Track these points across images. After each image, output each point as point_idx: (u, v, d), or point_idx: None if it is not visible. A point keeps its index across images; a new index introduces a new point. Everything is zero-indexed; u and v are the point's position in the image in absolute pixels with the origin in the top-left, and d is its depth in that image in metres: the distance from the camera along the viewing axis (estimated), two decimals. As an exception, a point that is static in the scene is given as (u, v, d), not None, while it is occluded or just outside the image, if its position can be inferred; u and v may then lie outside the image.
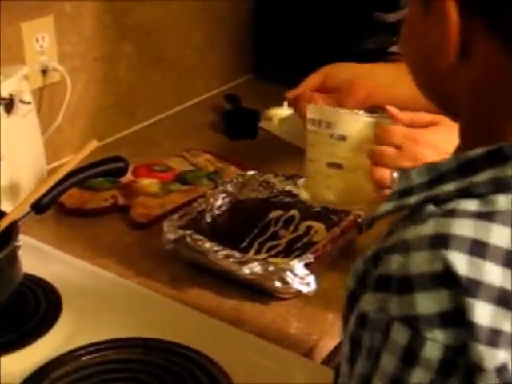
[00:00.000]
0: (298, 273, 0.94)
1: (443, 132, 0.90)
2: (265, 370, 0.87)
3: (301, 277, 0.94)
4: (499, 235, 0.49)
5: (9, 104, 1.12)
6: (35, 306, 0.96)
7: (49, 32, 1.27)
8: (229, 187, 1.15)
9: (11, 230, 0.93)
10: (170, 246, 1.03)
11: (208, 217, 1.11)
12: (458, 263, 0.47)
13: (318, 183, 0.95)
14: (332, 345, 0.95)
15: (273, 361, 0.88)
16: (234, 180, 1.17)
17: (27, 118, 1.17)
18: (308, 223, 1.10)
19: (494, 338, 0.47)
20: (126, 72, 1.44)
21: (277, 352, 0.90)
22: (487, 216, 0.49)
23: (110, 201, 1.19)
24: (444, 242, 0.48)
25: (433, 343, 0.47)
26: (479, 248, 0.48)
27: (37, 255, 1.05)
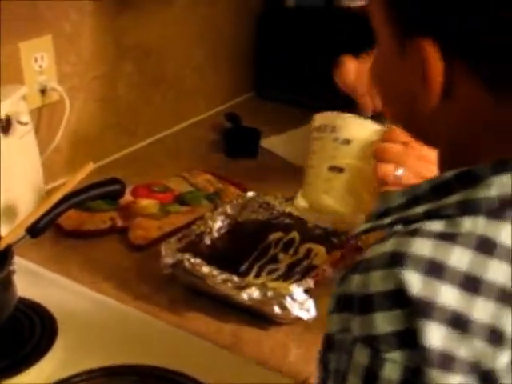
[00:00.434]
0: (298, 298, 0.93)
1: None
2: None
3: (300, 302, 0.93)
4: (459, 257, 0.47)
5: (6, 125, 1.11)
6: (30, 332, 0.94)
7: (48, 51, 1.26)
8: (228, 209, 1.14)
9: (6, 254, 0.92)
10: (168, 271, 1.02)
11: (207, 239, 1.09)
12: (413, 283, 0.46)
13: (317, 188, 0.90)
14: (332, 372, 0.93)
15: (272, 388, 0.87)
16: (234, 202, 1.16)
17: (25, 139, 1.16)
18: (308, 246, 1.09)
19: (447, 362, 0.46)
20: (126, 91, 1.43)
21: (276, 379, 0.88)
22: (449, 237, 0.48)
23: (108, 222, 1.18)
24: (400, 261, 0.47)
25: (392, 364, 0.46)
26: (436, 268, 0.47)
27: (33, 278, 1.04)
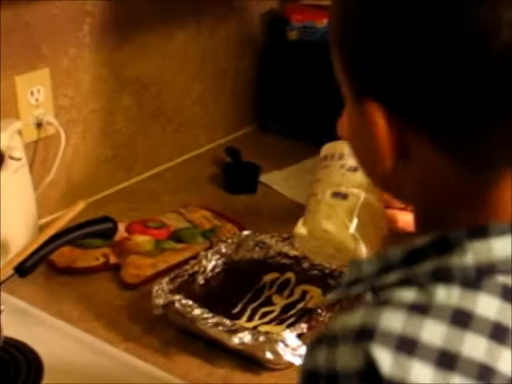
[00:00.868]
0: (290, 344, 0.90)
1: None
2: None
3: (293, 348, 0.90)
4: (432, 331, 0.44)
5: (-1, 160, 1.09)
6: (15, 374, 0.92)
7: (44, 85, 1.25)
8: (223, 248, 1.12)
9: (-8, 295, 0.90)
10: (159, 311, 0.99)
11: (200, 279, 1.07)
12: (382, 360, 0.43)
13: (319, 214, 0.84)
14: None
15: None
16: (229, 240, 1.14)
17: (18, 174, 1.14)
18: (304, 287, 1.06)
19: None
20: (125, 125, 1.42)
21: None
22: (422, 309, 0.45)
23: (102, 259, 1.16)
24: (369, 336, 0.44)
25: None
26: (408, 344, 0.44)
27: (21, 318, 1.02)
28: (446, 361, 0.43)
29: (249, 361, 0.95)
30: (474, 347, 0.44)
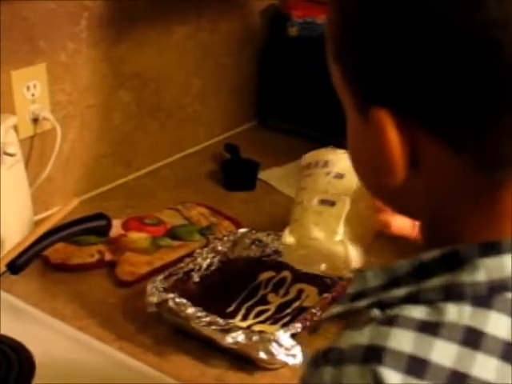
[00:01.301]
0: (284, 343, 0.89)
1: None
2: None
3: (286, 348, 0.89)
4: (443, 352, 0.43)
5: (-7, 155, 1.08)
6: (6, 371, 0.91)
7: (41, 80, 1.24)
8: (219, 246, 1.11)
9: (-16, 292, 0.89)
10: (153, 310, 0.98)
11: (196, 277, 1.06)
12: (392, 382, 0.42)
13: (307, 221, 0.83)
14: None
15: None
16: (225, 238, 1.12)
17: (13, 170, 1.13)
18: (300, 286, 1.05)
19: None
20: (123, 120, 1.41)
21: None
22: (432, 328, 0.44)
23: (96, 256, 1.15)
24: (378, 357, 0.43)
25: None
26: (418, 366, 0.42)
27: (14, 314, 1.01)
28: (456, 382, 0.42)
29: (242, 360, 0.94)
30: (485, 368, 0.43)
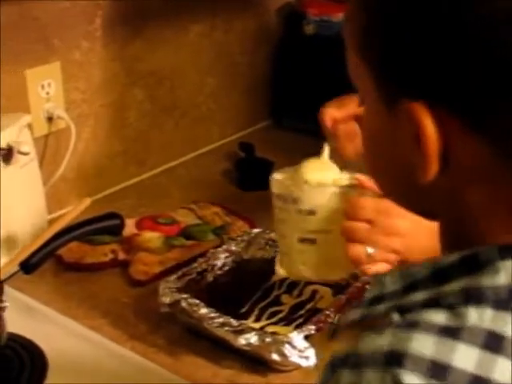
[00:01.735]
0: (297, 345, 0.88)
1: None
2: None
3: (300, 350, 0.88)
4: (464, 356, 0.42)
5: (7, 154, 1.08)
6: (19, 371, 0.91)
7: (55, 79, 1.24)
8: (233, 246, 1.10)
9: (-4, 291, 0.89)
10: (166, 309, 0.98)
11: (209, 277, 1.05)
12: None
13: (293, 260, 0.87)
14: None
15: None
16: (239, 238, 1.12)
17: (27, 168, 1.13)
18: (314, 287, 1.04)
19: None
20: (137, 119, 1.40)
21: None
22: (453, 332, 0.43)
23: (110, 255, 1.14)
24: (398, 361, 0.42)
25: None
26: (439, 370, 0.41)
27: (27, 314, 1.01)
28: None
29: (255, 362, 0.93)
30: (506, 372, 0.42)
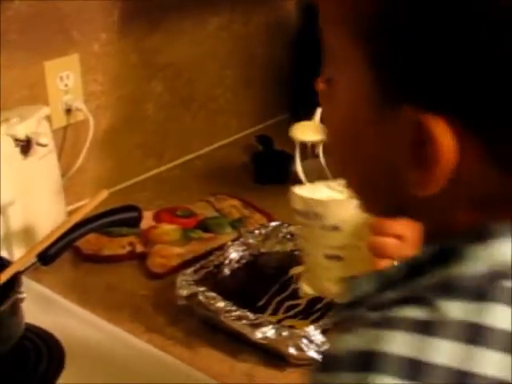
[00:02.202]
0: (314, 340, 0.88)
1: None
2: None
3: (317, 344, 0.88)
4: (442, 351, 0.40)
5: (25, 146, 1.08)
6: (36, 362, 0.91)
7: (74, 71, 1.24)
8: (250, 239, 1.10)
9: (14, 282, 0.89)
10: (183, 302, 0.98)
11: (226, 270, 1.05)
12: None
13: (319, 276, 0.86)
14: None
15: None
16: (257, 231, 1.11)
17: (45, 160, 1.13)
18: (331, 281, 1.04)
19: None
20: (155, 111, 1.40)
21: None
22: (430, 327, 0.40)
23: (128, 248, 1.14)
24: (373, 362, 0.40)
25: None
26: (416, 369, 0.39)
27: (44, 305, 1.01)
28: (459, 381, 0.40)
29: (272, 356, 0.93)
30: (488, 363, 0.40)
